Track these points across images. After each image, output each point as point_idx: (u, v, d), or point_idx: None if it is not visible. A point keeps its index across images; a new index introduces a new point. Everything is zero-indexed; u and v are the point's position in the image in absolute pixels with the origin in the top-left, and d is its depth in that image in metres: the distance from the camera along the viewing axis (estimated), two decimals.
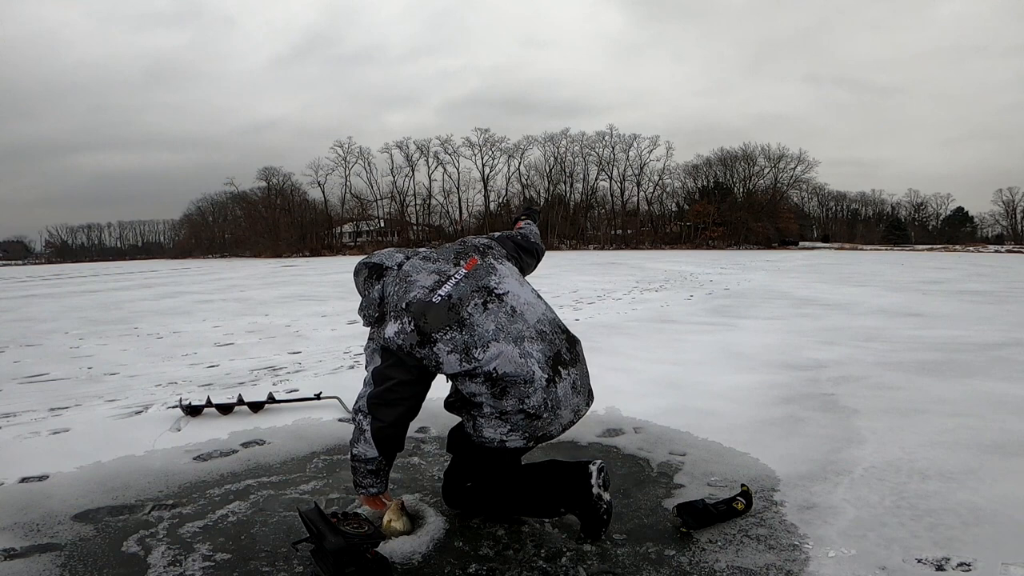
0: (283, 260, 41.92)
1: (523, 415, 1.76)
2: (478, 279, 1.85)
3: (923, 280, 12.18)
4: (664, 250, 43.31)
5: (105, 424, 3.01)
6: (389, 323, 1.80)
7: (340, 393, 3.36)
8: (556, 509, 1.82)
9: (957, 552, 1.66)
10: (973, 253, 34.94)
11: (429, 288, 1.80)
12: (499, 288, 1.85)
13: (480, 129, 58.16)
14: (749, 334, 5.46)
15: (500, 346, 1.75)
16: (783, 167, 52.48)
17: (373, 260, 1.95)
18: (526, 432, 1.79)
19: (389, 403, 1.79)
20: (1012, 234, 58.94)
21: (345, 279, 15.27)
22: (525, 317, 1.83)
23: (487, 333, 1.75)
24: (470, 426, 1.85)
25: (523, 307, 1.85)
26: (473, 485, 1.91)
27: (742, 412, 3.01)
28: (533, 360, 1.76)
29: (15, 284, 18.88)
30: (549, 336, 1.84)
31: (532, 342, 1.79)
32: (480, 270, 1.87)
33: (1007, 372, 3.78)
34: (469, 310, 1.78)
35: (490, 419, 1.79)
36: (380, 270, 1.91)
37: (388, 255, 1.96)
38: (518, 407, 1.76)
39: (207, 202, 67.47)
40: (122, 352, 5.32)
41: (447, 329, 1.75)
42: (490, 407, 1.77)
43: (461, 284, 1.82)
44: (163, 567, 1.67)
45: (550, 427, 1.81)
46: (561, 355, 1.84)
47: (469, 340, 1.75)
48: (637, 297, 9.24)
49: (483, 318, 1.77)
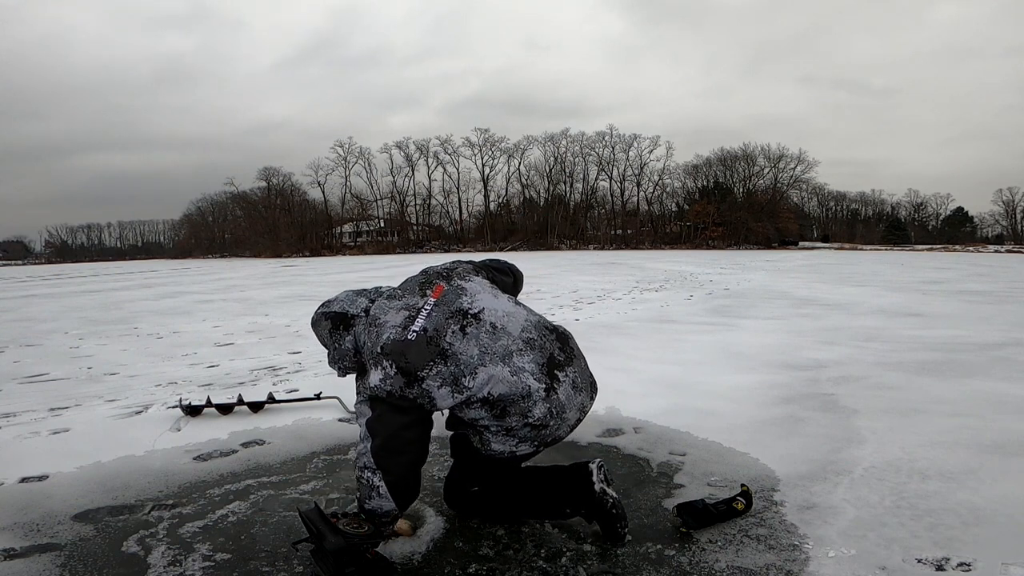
0: (283, 260, 41.91)
1: (529, 428, 1.74)
2: (449, 304, 1.77)
3: (923, 280, 12.18)
4: (664, 250, 43.32)
5: (105, 424, 3.01)
6: (371, 372, 1.71)
7: (340, 393, 3.36)
8: (561, 510, 1.81)
9: (957, 552, 1.66)
10: (973, 253, 34.94)
11: (401, 326, 1.72)
12: (473, 307, 1.78)
13: (480, 129, 58.23)
14: (749, 334, 5.46)
15: (488, 370, 1.69)
16: (783, 167, 52.52)
17: (333, 310, 1.86)
18: (535, 441, 1.79)
19: (396, 452, 1.68)
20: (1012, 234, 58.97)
21: (345, 279, 15.27)
22: (508, 330, 1.76)
23: (472, 359, 1.69)
24: (477, 441, 1.81)
25: (504, 320, 1.78)
26: (478, 490, 1.90)
27: (742, 412, 3.01)
28: (527, 373, 1.72)
29: (15, 284, 18.87)
30: (538, 342, 1.79)
31: (522, 355, 1.74)
32: (449, 295, 1.80)
33: (1007, 372, 3.78)
34: (448, 339, 1.70)
35: (497, 435, 1.77)
36: (346, 319, 1.83)
37: (349, 301, 1.87)
38: (523, 422, 1.73)
39: (207, 202, 67.55)
40: (122, 352, 5.32)
41: (431, 365, 1.67)
42: (496, 426, 1.75)
43: (433, 314, 1.74)
44: (163, 567, 1.67)
45: (558, 432, 1.80)
46: (555, 358, 1.80)
47: (456, 371, 1.68)
48: (637, 297, 9.24)
49: (464, 345, 1.71)
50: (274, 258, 47.93)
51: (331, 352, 1.86)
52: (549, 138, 57.28)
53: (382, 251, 53.15)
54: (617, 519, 1.74)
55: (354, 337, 1.82)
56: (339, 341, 1.83)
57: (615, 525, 1.74)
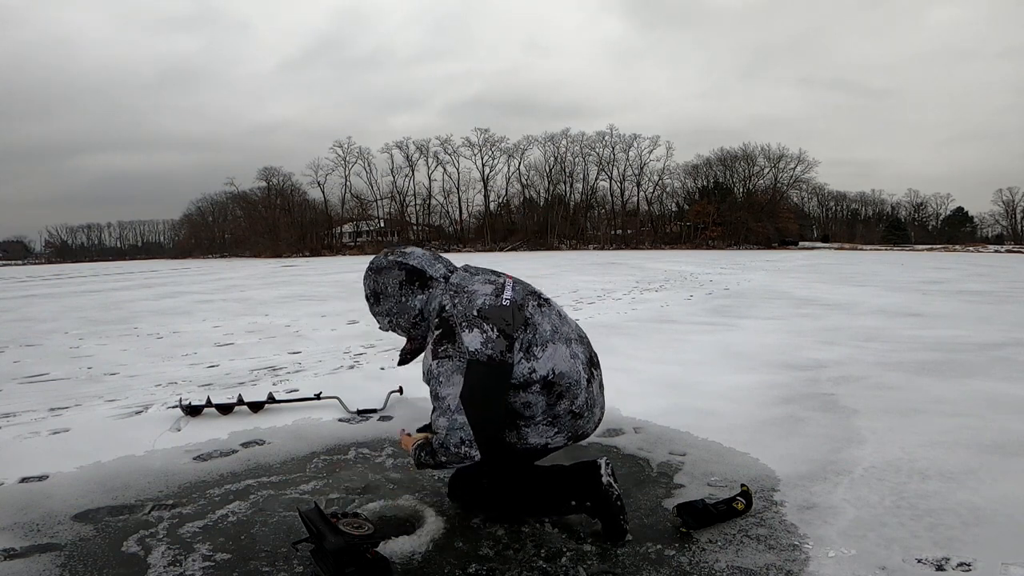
0: (283, 260, 41.92)
1: (571, 416, 1.81)
2: (525, 286, 1.90)
3: (923, 280, 12.18)
4: (664, 250, 43.31)
5: (105, 424, 3.01)
6: (466, 335, 1.69)
7: (340, 393, 3.36)
8: (567, 503, 1.80)
9: (957, 552, 1.66)
10: (973, 253, 34.94)
11: (493, 295, 1.77)
12: (543, 294, 1.93)
13: (480, 129, 58.29)
14: (749, 334, 5.46)
15: (557, 347, 1.78)
16: (783, 167, 52.54)
17: (411, 263, 1.84)
18: (570, 432, 1.83)
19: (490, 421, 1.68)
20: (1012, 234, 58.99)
21: (345, 279, 15.25)
22: (568, 321, 1.91)
23: (545, 333, 1.78)
24: (513, 435, 1.81)
25: (563, 313, 1.94)
26: (488, 483, 1.89)
27: (742, 412, 3.01)
28: (579, 361, 1.83)
29: (15, 284, 18.87)
30: (585, 340, 1.94)
31: (576, 344, 1.86)
32: (520, 280, 1.93)
33: (1007, 372, 3.78)
34: (530, 311, 1.80)
35: (539, 426, 1.79)
36: (423, 277, 1.83)
37: (428, 261, 1.86)
38: (569, 408, 1.79)
39: (207, 202, 67.62)
40: (122, 352, 5.32)
41: (521, 330, 1.74)
42: (542, 415, 1.78)
43: (516, 288, 1.84)
44: (163, 567, 1.67)
45: (587, 425, 1.87)
46: (593, 358, 1.94)
47: (532, 339, 1.75)
48: (637, 297, 9.24)
49: (541, 319, 1.80)
50: (274, 258, 47.94)
51: (389, 303, 1.84)
52: (549, 138, 57.36)
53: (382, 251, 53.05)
54: (621, 511, 1.77)
55: (427, 298, 1.82)
56: (408, 296, 1.82)
57: (619, 518, 1.76)
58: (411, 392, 3.40)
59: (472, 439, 1.64)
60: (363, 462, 2.45)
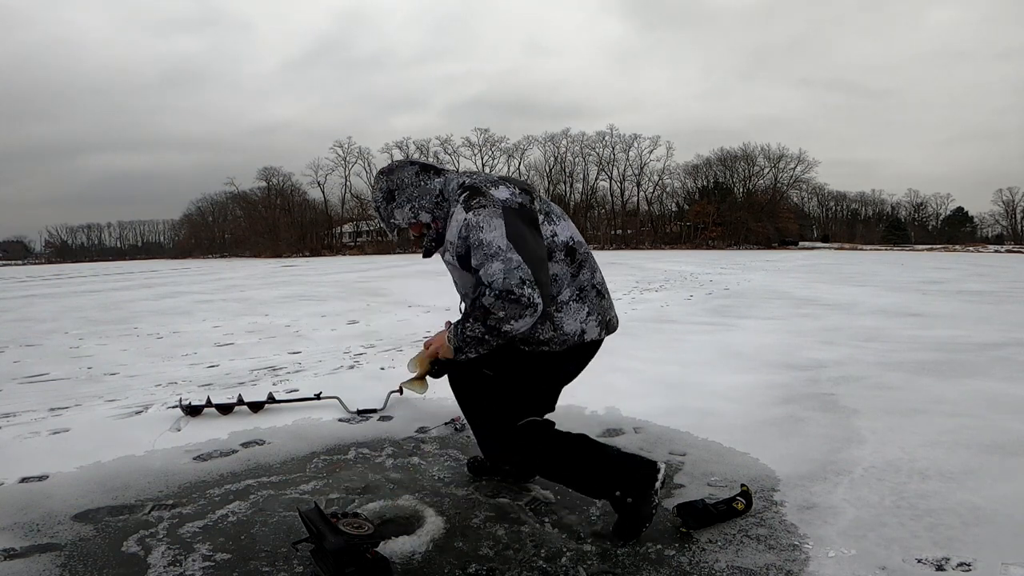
0: (283, 260, 41.91)
1: (595, 291, 1.85)
2: None
3: (923, 280, 12.18)
4: (664, 250, 43.31)
5: (105, 424, 3.01)
6: (494, 190, 1.74)
7: (340, 393, 3.36)
8: (612, 491, 1.73)
9: (957, 552, 1.66)
10: (973, 253, 34.95)
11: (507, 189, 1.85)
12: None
13: (480, 129, 58.37)
14: (749, 334, 5.46)
15: (567, 222, 1.88)
16: (783, 167, 52.59)
17: (420, 160, 1.96)
18: (599, 314, 1.84)
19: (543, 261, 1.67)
20: (1012, 234, 59.00)
21: (345, 279, 15.27)
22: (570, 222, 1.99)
23: (556, 210, 1.88)
24: (549, 327, 1.75)
25: None
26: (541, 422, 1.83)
27: (742, 412, 3.01)
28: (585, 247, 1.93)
29: (15, 284, 18.87)
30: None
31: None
32: None
33: (1007, 372, 3.78)
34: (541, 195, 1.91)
35: (570, 306, 1.78)
36: (436, 168, 1.91)
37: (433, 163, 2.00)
38: (591, 280, 1.84)
39: (207, 202, 67.66)
40: (122, 352, 5.32)
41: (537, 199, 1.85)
42: (569, 288, 1.79)
43: None
44: (163, 567, 1.67)
45: (611, 310, 1.92)
46: None
47: (548, 210, 1.84)
48: (637, 297, 9.24)
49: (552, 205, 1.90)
50: (274, 258, 47.95)
51: (408, 191, 1.85)
52: (549, 138, 57.42)
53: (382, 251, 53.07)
54: (649, 519, 1.75)
55: (444, 181, 1.87)
56: (427, 180, 1.86)
57: (644, 524, 1.74)
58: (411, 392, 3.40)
59: (532, 279, 1.53)
60: (363, 462, 2.45)
